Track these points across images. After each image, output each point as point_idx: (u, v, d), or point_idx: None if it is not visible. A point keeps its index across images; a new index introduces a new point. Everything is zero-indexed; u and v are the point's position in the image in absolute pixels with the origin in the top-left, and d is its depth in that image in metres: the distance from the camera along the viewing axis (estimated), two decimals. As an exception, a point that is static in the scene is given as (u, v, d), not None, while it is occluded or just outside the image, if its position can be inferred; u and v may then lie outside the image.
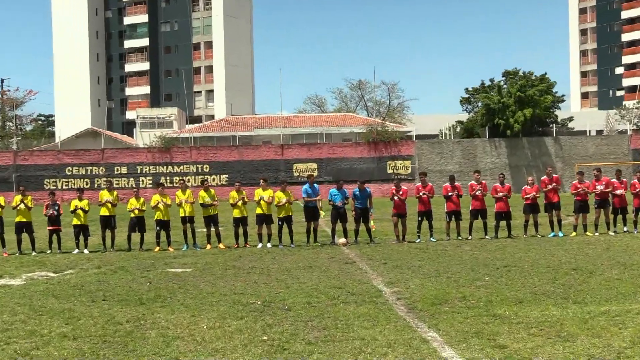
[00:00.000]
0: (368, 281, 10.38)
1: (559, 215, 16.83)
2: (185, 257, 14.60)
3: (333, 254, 14.28)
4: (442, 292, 9.15)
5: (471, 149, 50.27)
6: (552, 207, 16.87)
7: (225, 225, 19.25)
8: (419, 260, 12.82)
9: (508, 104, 50.34)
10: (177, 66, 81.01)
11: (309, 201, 16.36)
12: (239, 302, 8.89)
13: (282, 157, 49.41)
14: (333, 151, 49.52)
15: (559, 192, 17.22)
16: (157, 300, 9.20)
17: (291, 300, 8.89)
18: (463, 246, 15.22)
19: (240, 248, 16.15)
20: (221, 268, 12.49)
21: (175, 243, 17.28)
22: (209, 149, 50.05)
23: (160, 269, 12.56)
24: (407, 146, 50.16)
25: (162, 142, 50.20)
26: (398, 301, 8.70)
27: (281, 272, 11.74)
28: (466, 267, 11.72)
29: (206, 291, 9.83)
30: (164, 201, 16.32)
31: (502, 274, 10.72)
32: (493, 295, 8.83)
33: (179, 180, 17.36)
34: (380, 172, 49.13)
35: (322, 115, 66.86)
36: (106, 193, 16.65)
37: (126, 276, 11.70)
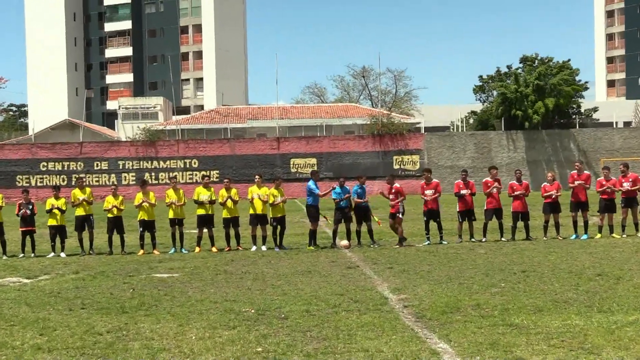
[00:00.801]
0: (372, 287, 10.39)
1: (585, 216, 16.82)
2: (172, 261, 14.60)
3: (334, 258, 14.28)
4: (453, 300, 9.15)
5: (485, 142, 50.30)
6: (578, 206, 16.85)
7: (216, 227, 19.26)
8: (428, 265, 12.82)
9: (526, 94, 50.31)
10: (162, 51, 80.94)
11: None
12: (231, 310, 8.89)
13: (278, 151, 49.42)
14: (334, 145, 49.53)
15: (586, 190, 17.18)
16: (141, 308, 9.20)
17: (288, 308, 8.89)
18: (477, 249, 15.22)
19: (232, 251, 16.15)
20: (211, 273, 12.49)
21: (161, 245, 17.28)
22: (198, 142, 50.06)
23: (144, 274, 12.56)
24: (415, 139, 50.18)
25: (147, 135, 50.20)
26: (405, 309, 8.70)
27: (277, 277, 11.74)
28: (480, 272, 11.72)
29: (195, 298, 9.83)
30: (148, 200, 16.32)
31: (519, 280, 10.73)
32: (510, 303, 8.83)
33: (171, 177, 17.34)
34: (385, 167, 49.09)
35: (322, 106, 66.87)
36: (79, 192, 16.65)
37: (107, 282, 11.70)
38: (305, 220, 24.67)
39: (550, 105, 49.82)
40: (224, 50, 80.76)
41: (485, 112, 57.44)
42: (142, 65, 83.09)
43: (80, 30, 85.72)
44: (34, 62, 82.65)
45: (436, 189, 16.77)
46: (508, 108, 51.23)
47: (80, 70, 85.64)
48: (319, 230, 17.03)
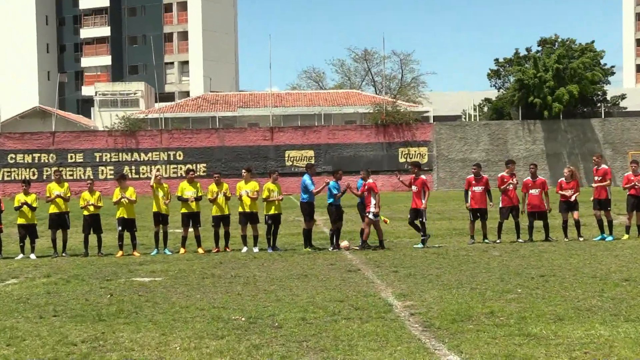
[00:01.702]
0: (375, 293, 10.40)
1: (608, 215, 16.83)
2: (154, 263, 14.60)
3: (333, 261, 14.29)
4: (465, 307, 9.16)
5: (501, 133, 50.36)
6: (599, 204, 16.87)
7: (203, 226, 19.25)
8: (437, 268, 12.83)
9: (546, 79, 50.28)
10: (144, 32, 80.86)
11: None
12: (219, 318, 8.89)
13: (272, 142, 49.43)
14: (333, 136, 49.56)
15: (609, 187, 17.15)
16: (120, 315, 9.20)
17: (282, 316, 8.90)
18: (491, 251, 15.24)
19: (220, 252, 16.16)
20: (198, 277, 12.49)
21: (142, 246, 17.27)
22: (183, 132, 50.05)
23: (123, 278, 12.56)
24: (423, 130, 50.23)
25: (126, 124, 50.19)
26: (411, 317, 8.71)
27: (270, 281, 11.75)
28: (494, 276, 11.74)
29: (179, 305, 9.83)
30: (127, 196, 16.31)
31: (537, 285, 10.74)
32: (527, 311, 8.84)
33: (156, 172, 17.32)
34: (390, 161, 49.19)
35: (321, 93, 66.89)
36: (55, 186, 16.63)
37: (82, 287, 11.69)
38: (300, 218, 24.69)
39: (575, 92, 49.73)
40: (212, 31, 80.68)
41: (500, 100, 57.49)
42: (121, 47, 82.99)
43: (52, 8, 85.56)
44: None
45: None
46: (526, 95, 51.24)
47: (52, 52, 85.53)
48: (316, 231, 17.01)
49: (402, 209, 29.52)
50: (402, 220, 23.75)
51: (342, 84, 77.43)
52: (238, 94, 66.22)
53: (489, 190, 16.78)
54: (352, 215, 23.88)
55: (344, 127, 50.90)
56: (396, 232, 19.74)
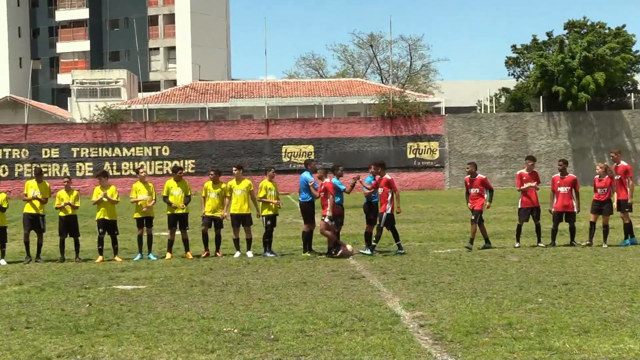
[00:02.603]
0: (381, 302, 10.41)
1: (624, 217, 16.79)
2: (138, 269, 14.61)
3: (334, 267, 14.30)
4: (480, 318, 9.17)
5: (520, 126, 50.35)
6: (618, 205, 16.85)
7: (191, 228, 19.24)
8: (449, 275, 12.85)
9: (572, 66, 50.15)
10: (126, 14, 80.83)
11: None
12: (209, 329, 8.90)
13: (267, 136, 49.44)
14: (335, 129, 49.56)
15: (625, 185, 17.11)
16: (99, 327, 9.21)
17: (279, 327, 8.91)
18: (508, 256, 15.25)
19: (211, 257, 16.17)
20: (185, 284, 12.50)
21: (124, 251, 17.27)
22: (170, 125, 50.06)
23: (103, 286, 12.57)
24: (434, 122, 50.23)
25: (107, 116, 50.18)
26: (421, 329, 8.72)
27: (265, 290, 11.76)
28: (512, 284, 11.75)
29: (165, 315, 9.84)
30: (109, 195, 16.30)
31: (560, 294, 10.76)
32: (549, 322, 8.85)
33: (138, 168, 17.30)
34: (398, 157, 49.18)
35: (321, 81, 66.90)
36: (34, 184, 16.61)
37: (57, 295, 11.70)
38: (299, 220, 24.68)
39: (601, 81, 49.64)
40: (202, 14, 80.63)
41: (519, 90, 57.44)
42: (100, 31, 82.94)
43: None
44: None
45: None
46: (548, 84, 51.16)
47: (24, 37, 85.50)
48: (316, 233, 17.01)
49: (410, 210, 29.52)
50: (410, 222, 23.76)
51: (345, 72, 77.41)
52: (230, 83, 66.22)
53: (491, 190, 16.88)
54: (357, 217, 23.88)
55: (347, 119, 50.88)
56: (404, 236, 19.74)
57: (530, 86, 54.05)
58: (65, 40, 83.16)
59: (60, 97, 78.65)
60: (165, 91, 64.67)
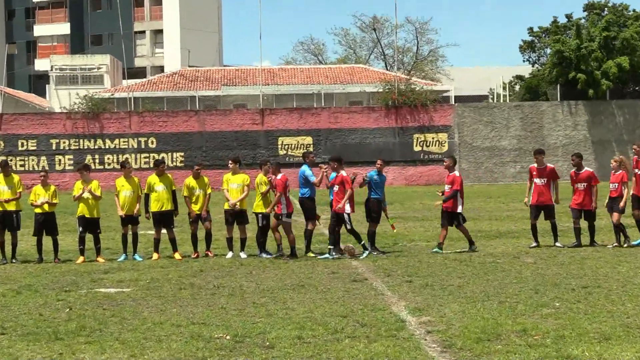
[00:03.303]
0: (385, 307, 10.42)
1: (637, 215, 16.77)
2: (122, 271, 14.61)
3: (335, 268, 14.31)
4: (492, 324, 9.18)
5: (535, 116, 50.35)
6: (639, 202, 16.80)
7: (180, 226, 19.23)
8: (459, 277, 12.86)
9: (591, 50, 50.03)
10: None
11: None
12: (199, 336, 8.91)
13: (262, 127, 49.44)
14: (335, 119, 49.57)
15: None
16: (81, 333, 9.21)
17: (274, 333, 8.91)
18: (523, 257, 15.26)
19: (201, 258, 16.18)
20: (174, 287, 12.51)
21: (108, 251, 17.27)
22: (157, 115, 50.04)
23: (84, 289, 12.56)
24: (443, 112, 50.23)
25: (88, 105, 50.16)
26: (428, 336, 8.73)
27: (260, 293, 11.77)
28: (527, 287, 11.76)
29: (152, 320, 9.85)
30: (91, 190, 16.28)
31: (579, 298, 10.77)
32: (566, 329, 8.86)
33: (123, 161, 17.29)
34: (403, 149, 49.19)
35: (320, 68, 66.86)
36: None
37: (35, 299, 11.70)
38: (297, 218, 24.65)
39: (625, 65, 49.50)
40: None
41: (535, 77, 57.46)
42: (81, 13, 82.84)
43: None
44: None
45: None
46: (566, 70, 51.12)
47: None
48: (315, 232, 17.03)
49: (417, 207, 29.51)
50: (417, 220, 23.76)
51: (346, 58, 77.34)
52: (222, 69, 66.18)
53: (456, 190, 16.53)
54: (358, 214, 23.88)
55: (348, 109, 50.88)
56: (410, 235, 19.76)
57: (546, 73, 54.00)
58: (43, 22, 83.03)
59: (37, 84, 78.59)
60: (152, 78, 64.64)
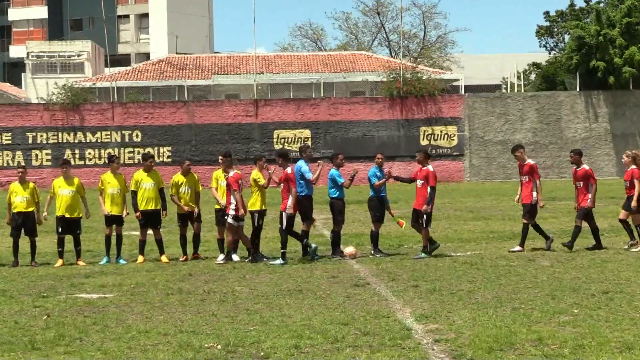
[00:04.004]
0: (389, 314, 10.43)
1: None
2: (105, 275, 14.61)
3: (335, 272, 14.31)
4: (505, 332, 9.18)
5: (553, 107, 50.31)
6: None
7: (168, 227, 19.22)
8: (469, 282, 12.86)
9: (612, 37, 50.06)
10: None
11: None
12: (188, 345, 8.91)
13: (257, 119, 49.39)
14: (336, 111, 49.52)
15: None
16: (60, 342, 9.20)
17: (269, 343, 8.91)
18: (539, 260, 15.26)
19: (190, 261, 16.17)
20: (160, 293, 12.51)
21: (89, 254, 17.26)
22: (142, 106, 49.98)
23: (64, 295, 12.56)
24: (452, 103, 50.19)
25: (68, 95, 50.08)
26: (436, 345, 8.74)
27: (254, 299, 11.77)
28: (543, 292, 11.77)
29: (137, 329, 9.84)
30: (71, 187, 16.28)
31: (599, 304, 10.78)
32: (586, 337, 8.87)
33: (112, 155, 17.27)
34: (409, 143, 49.11)
35: (319, 55, 66.80)
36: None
37: (10, 305, 11.70)
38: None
39: None
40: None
41: (552, 65, 57.40)
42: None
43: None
44: None
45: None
46: (586, 58, 51.06)
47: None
48: (313, 233, 17.04)
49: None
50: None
51: (348, 44, 77.29)
52: (213, 56, 66.09)
53: (433, 187, 16.11)
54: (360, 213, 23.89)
55: (350, 99, 50.83)
56: (416, 236, 19.72)
57: (564, 60, 53.94)
58: (18, 5, 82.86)
59: (12, 72, 78.47)
60: (137, 66, 64.55)
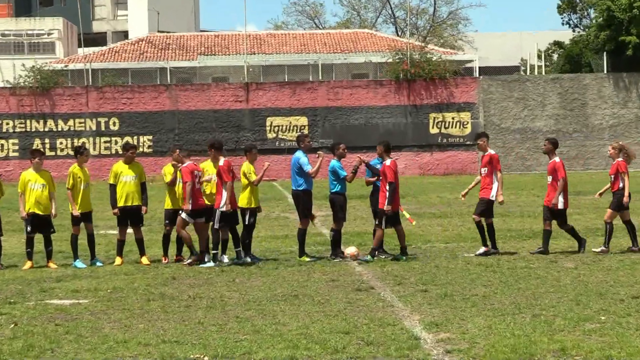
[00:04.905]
0: (395, 321, 10.43)
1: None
2: (78, 279, 14.59)
3: (335, 275, 14.31)
4: (524, 341, 9.19)
5: (577, 91, 50.23)
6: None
7: (149, 225, 19.20)
8: (484, 286, 12.86)
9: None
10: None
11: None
12: (172, 356, 8.91)
13: (247, 105, 49.33)
14: (335, 96, 49.47)
15: None
16: (28, 354, 9.20)
17: (262, 353, 8.92)
18: (562, 262, 15.27)
19: (173, 264, 16.17)
20: (141, 298, 12.50)
21: (60, 255, 17.23)
22: (120, 90, 49.91)
23: (33, 301, 12.54)
24: (465, 87, 50.13)
25: (37, 79, 50.00)
26: (447, 356, 8.74)
27: (245, 305, 11.77)
28: (567, 297, 11.78)
29: (114, 339, 9.84)
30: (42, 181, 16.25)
31: (629, 311, 10.79)
32: (614, 347, 8.88)
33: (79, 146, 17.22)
34: (417, 132, 49.12)
35: (317, 34, 66.70)
36: None
37: (-26, 312, 11.70)
38: (288, 214, 24.62)
39: None
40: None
41: (577, 44, 57.30)
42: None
43: None
44: None
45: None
46: (615, 35, 50.90)
47: None
48: (311, 232, 17.02)
49: (433, 201, 29.50)
50: (434, 217, 23.73)
51: (349, 22, 77.19)
52: (199, 35, 65.97)
53: (391, 183, 15.85)
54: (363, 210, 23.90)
55: (351, 83, 50.76)
56: (426, 235, 19.75)
57: (591, 38, 53.82)
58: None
59: (-25, 53, 78.37)
60: (114, 46, 64.41)
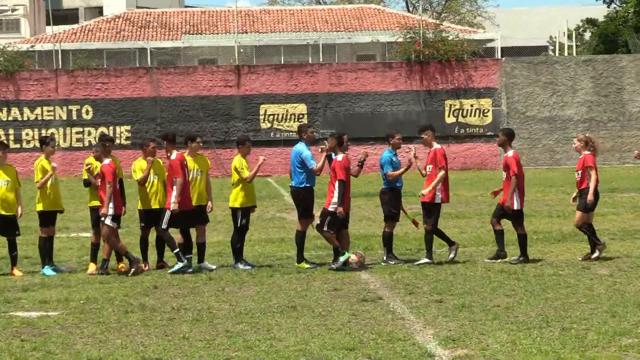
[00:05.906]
0: (407, 336, 10.44)
1: None
2: (47, 288, 14.61)
3: (338, 283, 14.33)
4: (553, 358, 9.19)
5: (613, 74, 50.17)
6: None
7: (127, 227, 19.23)
8: (506, 296, 12.86)
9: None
10: None
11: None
12: (153, 377, 8.93)
13: (238, 91, 49.29)
14: (338, 80, 49.42)
15: None
16: (-9, 373, 9.23)
17: (255, 373, 8.93)
18: (595, 268, 15.25)
19: (154, 271, 16.18)
20: (118, 310, 12.51)
21: (27, 261, 17.25)
22: (93, 74, 49.87)
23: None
24: (486, 70, 50.08)
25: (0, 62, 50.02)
26: (466, 376, 8.75)
27: (236, 317, 11.79)
28: (601, 309, 11.78)
29: (88, 355, 9.85)
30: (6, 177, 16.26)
31: (671, 323, 10.79)
32: (654, 365, 8.89)
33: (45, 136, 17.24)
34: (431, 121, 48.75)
35: (318, 10, 66.68)
36: None
37: None
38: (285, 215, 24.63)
39: None
40: None
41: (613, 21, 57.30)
42: None
43: None
44: None
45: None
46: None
47: None
48: (310, 234, 17.02)
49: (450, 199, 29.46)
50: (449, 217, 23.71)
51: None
52: (183, 11, 65.97)
53: (340, 181, 15.76)
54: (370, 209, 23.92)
55: (356, 65, 50.70)
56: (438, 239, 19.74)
57: (628, 15, 53.82)
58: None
59: None
60: (87, 24, 64.42)
